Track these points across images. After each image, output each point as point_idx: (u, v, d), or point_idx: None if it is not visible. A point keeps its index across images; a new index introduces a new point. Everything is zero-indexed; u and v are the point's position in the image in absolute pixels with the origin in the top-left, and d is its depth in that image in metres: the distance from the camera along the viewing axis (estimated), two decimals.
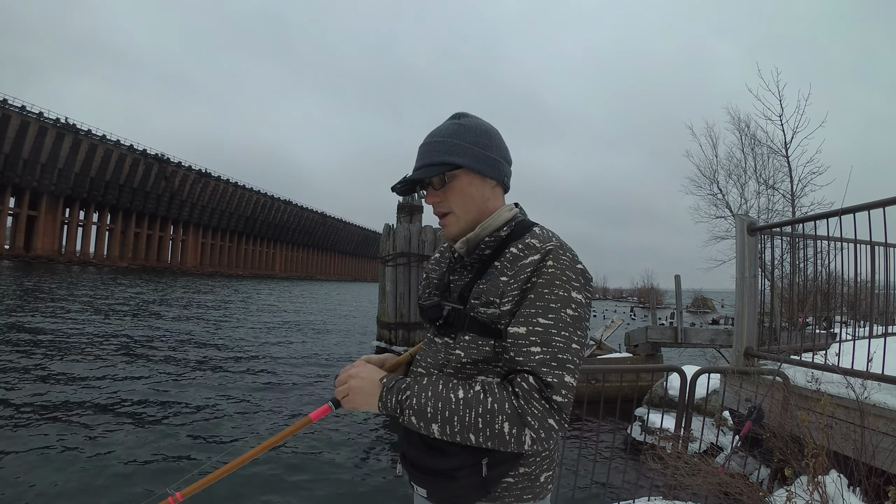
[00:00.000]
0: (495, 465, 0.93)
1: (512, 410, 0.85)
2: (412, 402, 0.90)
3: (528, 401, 0.85)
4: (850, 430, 2.43)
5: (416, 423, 0.90)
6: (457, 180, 1.00)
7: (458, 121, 1.03)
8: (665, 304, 43.92)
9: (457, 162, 0.98)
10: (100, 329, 13.38)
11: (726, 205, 12.17)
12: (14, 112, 54.58)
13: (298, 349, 13.34)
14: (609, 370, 6.58)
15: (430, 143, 1.01)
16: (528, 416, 0.84)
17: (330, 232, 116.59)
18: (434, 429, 0.88)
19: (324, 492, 4.69)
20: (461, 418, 0.86)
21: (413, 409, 0.90)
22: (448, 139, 1.00)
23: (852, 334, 3.23)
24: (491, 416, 0.85)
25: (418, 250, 12.41)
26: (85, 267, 57.64)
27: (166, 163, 72.91)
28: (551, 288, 0.90)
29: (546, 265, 0.91)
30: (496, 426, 0.84)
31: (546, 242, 0.95)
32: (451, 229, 1.03)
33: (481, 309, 0.96)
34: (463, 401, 0.87)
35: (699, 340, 10.19)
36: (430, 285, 1.14)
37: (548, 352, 0.87)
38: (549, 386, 0.85)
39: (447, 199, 1.01)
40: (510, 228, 1.02)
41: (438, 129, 1.03)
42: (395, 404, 0.92)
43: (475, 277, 1.00)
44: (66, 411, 6.69)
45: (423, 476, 0.98)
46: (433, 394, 0.89)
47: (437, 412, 0.88)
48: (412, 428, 0.92)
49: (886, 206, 2.60)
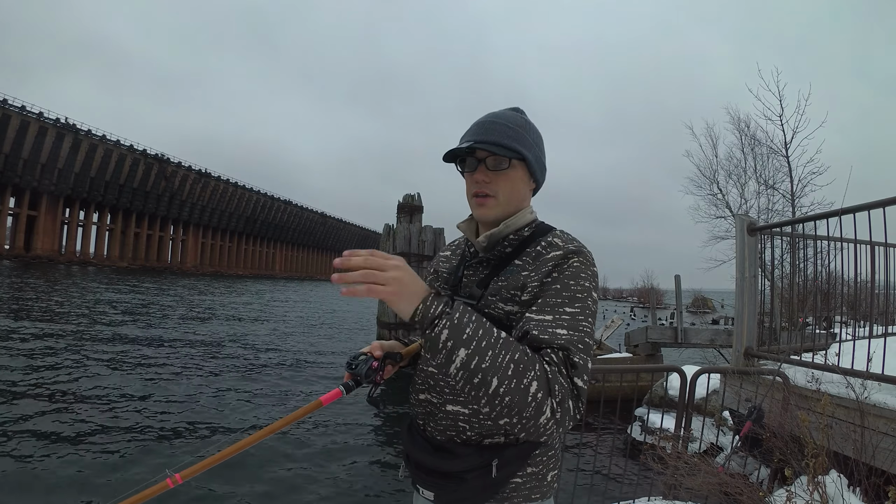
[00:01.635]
0: (505, 466, 0.92)
1: (542, 373, 0.80)
2: (454, 316, 0.80)
3: (556, 373, 0.82)
4: (850, 430, 2.43)
5: (445, 338, 0.79)
6: (514, 171, 1.00)
7: (522, 115, 1.04)
8: (665, 304, 43.93)
9: (525, 154, 0.98)
10: (101, 326, 13.38)
11: (726, 205, 12.17)
12: (14, 112, 54.53)
13: (298, 347, 13.34)
14: (609, 370, 6.57)
15: (501, 125, 1.00)
16: (556, 384, 0.80)
17: (330, 232, 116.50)
18: (460, 354, 0.79)
19: (325, 491, 4.70)
20: (495, 356, 0.79)
21: (452, 322, 0.79)
22: (518, 128, 1.00)
23: (852, 334, 3.23)
24: (524, 367, 0.79)
25: (418, 250, 12.41)
26: (85, 267, 57.65)
27: (166, 163, 72.87)
28: (577, 280, 0.91)
29: (570, 261, 0.93)
30: (525, 381, 0.78)
31: (569, 243, 0.97)
32: (490, 212, 1.01)
33: (500, 304, 0.95)
34: (504, 340, 0.81)
35: (699, 340, 10.20)
36: (439, 279, 1.13)
37: (574, 335, 0.86)
38: (574, 366, 0.83)
39: (497, 183, 1.00)
40: (531, 229, 1.02)
41: (504, 113, 1.02)
42: (437, 310, 0.80)
43: (492, 273, 1.00)
44: (73, 398, 6.82)
45: (429, 478, 0.97)
46: (477, 320, 0.82)
47: (473, 337, 0.79)
48: (433, 348, 0.81)
49: (886, 206, 2.60)
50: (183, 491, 4.31)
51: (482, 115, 1.05)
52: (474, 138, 0.98)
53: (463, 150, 0.98)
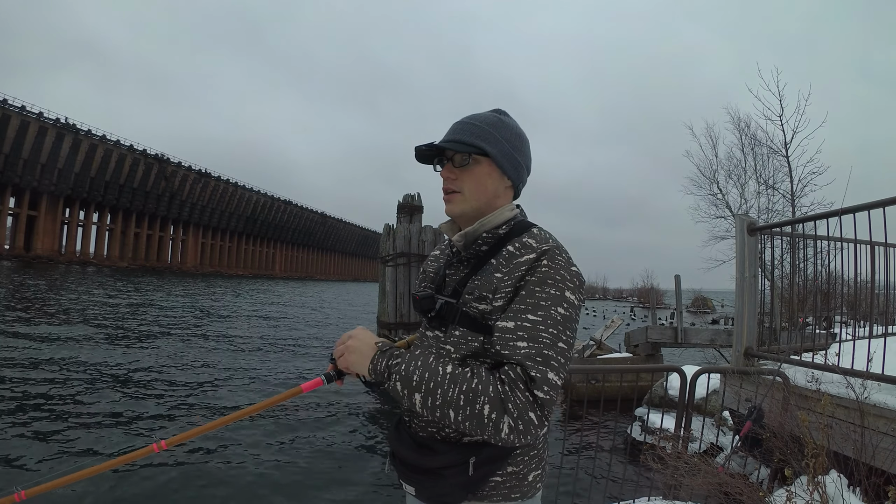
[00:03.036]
0: (482, 464, 0.93)
1: (495, 394, 0.85)
2: (400, 367, 0.91)
3: (512, 389, 0.85)
4: (850, 430, 2.43)
5: (400, 389, 0.91)
6: (478, 166, 1.01)
7: (499, 115, 1.05)
8: (665, 304, 43.89)
9: (486, 149, 0.99)
10: (103, 322, 13.39)
11: (726, 205, 12.18)
12: (14, 112, 54.50)
13: (298, 345, 13.36)
14: (609, 370, 6.58)
15: (467, 123, 1.02)
16: (509, 403, 0.84)
17: (330, 232, 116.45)
18: (416, 399, 0.89)
19: (316, 487, 4.69)
20: (444, 392, 0.87)
21: (400, 375, 0.90)
22: (485, 126, 1.01)
23: (852, 334, 3.23)
24: (473, 396, 0.85)
25: (418, 250, 12.42)
26: (85, 267, 57.67)
27: (166, 163, 72.84)
28: (543, 286, 0.91)
29: (541, 264, 0.92)
30: (476, 407, 0.85)
31: (542, 243, 0.96)
32: (455, 208, 1.04)
33: (474, 304, 0.97)
34: (450, 375, 0.88)
35: (699, 340, 10.19)
36: (427, 279, 1.15)
37: (534, 347, 0.87)
38: (532, 380, 0.86)
39: (461, 179, 1.02)
40: (509, 227, 1.02)
41: (479, 114, 1.04)
42: (384, 368, 0.93)
43: (470, 273, 1.01)
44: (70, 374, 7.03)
45: (412, 474, 0.99)
46: (422, 364, 0.90)
47: (422, 382, 0.88)
48: (395, 396, 0.93)
49: (886, 206, 2.59)
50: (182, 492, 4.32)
51: (458, 113, 1.07)
52: (444, 137, 1.02)
53: (423, 148, 1.02)
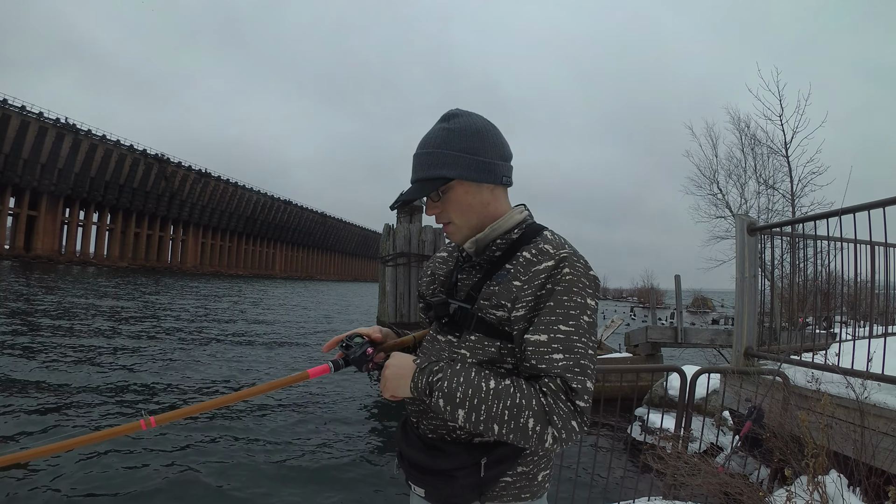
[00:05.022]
0: (493, 465, 0.93)
1: (539, 408, 0.86)
2: (443, 384, 0.90)
3: (555, 401, 0.86)
4: (850, 430, 2.43)
5: (443, 406, 0.90)
6: (452, 192, 0.99)
7: (446, 124, 0.99)
8: (665, 304, 43.89)
9: (448, 175, 0.97)
10: (104, 319, 13.40)
11: (726, 205, 12.18)
12: (14, 112, 54.51)
13: (298, 345, 13.35)
14: (609, 370, 6.56)
15: (421, 156, 0.99)
16: (554, 415, 0.85)
17: (329, 232, 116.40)
18: (460, 414, 0.89)
19: (325, 490, 4.69)
20: (489, 408, 0.87)
21: (443, 392, 0.90)
22: (437, 150, 0.97)
23: (852, 334, 3.23)
24: (518, 410, 0.86)
25: (418, 250, 12.42)
26: (85, 267, 57.67)
27: (166, 163, 72.81)
28: (570, 295, 0.90)
29: (563, 272, 0.91)
30: (521, 420, 0.85)
31: (559, 249, 0.95)
32: (455, 237, 1.04)
33: (490, 311, 0.96)
34: (493, 391, 0.88)
35: (699, 340, 10.18)
36: (436, 282, 1.13)
37: (571, 358, 0.88)
38: (573, 391, 0.86)
39: (446, 210, 1.01)
40: (521, 231, 1.01)
41: (428, 136, 1.00)
42: (426, 385, 0.92)
43: (484, 278, 1.00)
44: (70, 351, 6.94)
45: (421, 476, 0.99)
46: (465, 380, 0.89)
47: (465, 398, 0.88)
48: (437, 411, 0.92)
49: (886, 206, 2.60)
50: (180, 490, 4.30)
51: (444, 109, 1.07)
52: (411, 179, 1.03)
53: (398, 205, 1.05)
